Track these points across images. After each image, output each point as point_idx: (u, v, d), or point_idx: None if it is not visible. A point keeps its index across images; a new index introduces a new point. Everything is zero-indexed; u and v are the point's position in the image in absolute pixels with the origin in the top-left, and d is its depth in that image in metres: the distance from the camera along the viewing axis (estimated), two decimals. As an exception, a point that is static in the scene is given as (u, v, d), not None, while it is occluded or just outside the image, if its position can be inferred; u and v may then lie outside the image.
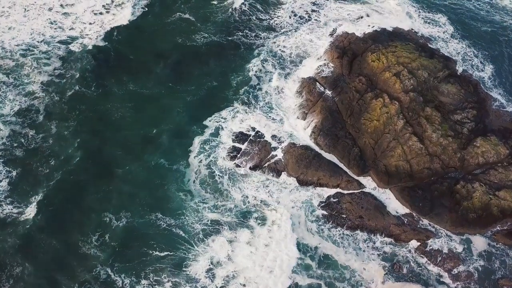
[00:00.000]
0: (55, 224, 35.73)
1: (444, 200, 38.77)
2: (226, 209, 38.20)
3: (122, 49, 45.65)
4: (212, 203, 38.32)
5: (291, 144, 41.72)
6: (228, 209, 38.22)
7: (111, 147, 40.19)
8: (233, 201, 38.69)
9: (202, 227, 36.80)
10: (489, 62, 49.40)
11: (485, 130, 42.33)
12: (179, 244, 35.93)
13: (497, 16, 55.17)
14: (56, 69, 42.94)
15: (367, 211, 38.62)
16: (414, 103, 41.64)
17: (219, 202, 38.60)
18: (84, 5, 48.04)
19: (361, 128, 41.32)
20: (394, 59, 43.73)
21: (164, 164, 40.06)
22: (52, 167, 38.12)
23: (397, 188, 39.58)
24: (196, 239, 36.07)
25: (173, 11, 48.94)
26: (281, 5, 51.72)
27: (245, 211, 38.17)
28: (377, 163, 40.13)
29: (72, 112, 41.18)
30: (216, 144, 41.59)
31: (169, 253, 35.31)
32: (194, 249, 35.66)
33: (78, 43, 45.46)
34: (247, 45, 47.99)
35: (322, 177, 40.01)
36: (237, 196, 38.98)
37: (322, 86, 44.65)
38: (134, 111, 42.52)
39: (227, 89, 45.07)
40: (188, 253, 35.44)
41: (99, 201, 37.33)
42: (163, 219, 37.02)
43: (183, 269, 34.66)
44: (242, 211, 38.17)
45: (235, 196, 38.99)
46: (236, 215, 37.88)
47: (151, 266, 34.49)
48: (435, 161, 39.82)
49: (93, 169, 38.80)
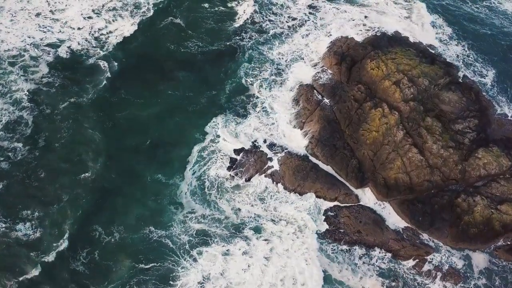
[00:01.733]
0: (40, 238, 34.53)
1: (444, 214, 37.80)
2: (221, 222, 37.27)
3: (114, 56, 43.93)
4: (206, 217, 37.42)
5: (288, 155, 40.59)
6: (222, 221, 37.29)
7: (106, 158, 38.87)
8: (226, 214, 37.73)
9: (195, 240, 35.90)
10: (491, 68, 48.30)
11: (487, 140, 41.22)
12: (169, 256, 35.16)
13: (496, 20, 53.76)
14: (44, 77, 41.34)
15: (365, 225, 37.65)
16: (414, 112, 40.45)
17: (215, 215, 37.67)
18: (74, 9, 46.21)
19: (360, 139, 40.15)
20: (394, 66, 42.41)
21: (161, 179, 38.87)
22: (42, 181, 36.88)
23: (397, 201, 38.57)
24: (187, 254, 35.14)
25: (165, 15, 47.13)
26: (277, 9, 49.92)
27: (239, 224, 37.20)
28: (376, 176, 39.04)
29: (63, 122, 39.68)
30: (212, 155, 40.43)
31: (156, 265, 34.60)
32: (185, 263, 34.80)
33: (66, 49, 43.71)
34: (242, 50, 46.38)
35: (320, 190, 38.96)
36: (230, 208, 37.99)
37: (319, 94, 43.37)
38: (129, 121, 41.04)
39: (221, 97, 43.70)
40: (177, 265, 34.64)
41: (91, 215, 36.30)
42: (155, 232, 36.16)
43: (171, 282, 33.88)
44: (235, 223, 37.21)
45: (229, 209, 38.00)
46: (227, 227, 36.95)
47: (136, 278, 33.79)
48: (435, 173, 38.75)
49: (88, 183, 37.58)
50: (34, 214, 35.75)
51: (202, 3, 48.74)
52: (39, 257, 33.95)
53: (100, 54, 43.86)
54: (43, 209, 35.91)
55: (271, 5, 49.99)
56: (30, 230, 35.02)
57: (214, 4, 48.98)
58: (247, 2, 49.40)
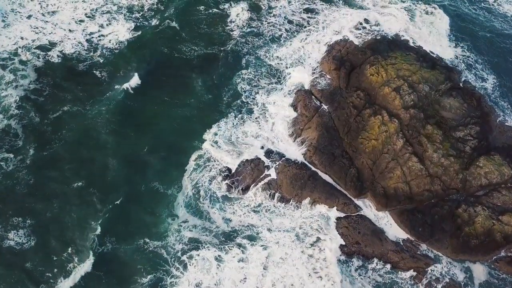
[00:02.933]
0: (35, 248, 34.06)
1: (444, 225, 37.03)
2: (216, 233, 36.57)
3: (107, 61, 42.83)
4: (201, 227, 36.67)
5: (285, 163, 39.71)
6: (216, 231, 36.58)
7: (100, 167, 38.03)
8: (220, 223, 37.05)
9: (186, 247, 35.21)
10: (492, 72, 47.31)
11: (489, 147, 40.38)
12: (161, 266, 34.60)
13: (496, 23, 52.72)
14: (31, 83, 40.24)
15: (364, 236, 36.89)
16: (415, 120, 39.56)
17: (208, 226, 36.97)
18: (66, 13, 45.07)
19: (359, 148, 39.28)
20: (394, 72, 41.47)
21: (158, 188, 38.06)
22: (33, 191, 36.11)
23: (396, 212, 37.78)
24: (179, 263, 34.49)
25: (160, 19, 45.96)
26: (274, 12, 48.70)
27: (233, 233, 36.52)
28: (375, 185, 38.22)
29: (54, 133, 38.69)
30: (208, 163, 39.59)
31: (152, 277, 34.03)
32: (176, 272, 34.24)
33: (58, 53, 42.60)
34: (239, 55, 45.36)
35: (318, 199, 38.16)
36: (225, 218, 37.29)
37: (318, 100, 42.44)
38: (122, 128, 40.05)
39: (217, 103, 42.75)
40: (167, 275, 34.07)
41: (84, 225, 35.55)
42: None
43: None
44: (229, 232, 36.55)
45: (223, 218, 37.26)
46: (221, 236, 36.29)
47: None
48: (435, 182, 37.93)
49: (80, 192, 36.79)
50: (25, 222, 35.06)
51: (197, 6, 47.54)
52: (32, 266, 33.37)
53: (93, 59, 42.81)
54: (35, 218, 35.25)
55: (268, 8, 48.75)
56: (22, 239, 34.34)
57: (209, 6, 47.79)
58: (242, 5, 48.12)
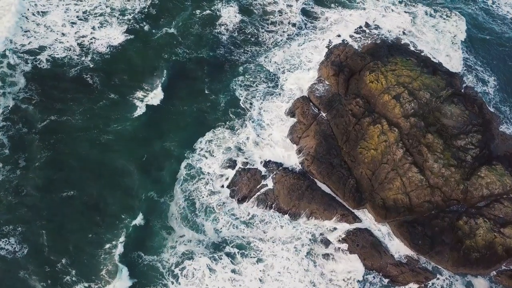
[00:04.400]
0: (26, 256, 33.05)
1: (445, 237, 36.22)
2: (207, 245, 35.63)
3: (99, 66, 41.54)
4: (194, 240, 35.76)
5: (283, 173, 38.76)
6: (209, 243, 35.70)
7: (93, 177, 36.88)
8: (214, 235, 36.16)
9: (182, 265, 34.25)
10: (493, 77, 46.34)
11: (490, 156, 39.55)
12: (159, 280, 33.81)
13: (495, 25, 51.66)
14: (20, 91, 39.04)
15: (363, 249, 36.09)
16: (415, 129, 38.61)
17: (202, 238, 36.03)
18: (58, 14, 43.59)
19: (358, 157, 38.33)
20: (394, 79, 40.42)
21: (153, 196, 37.06)
22: (24, 200, 35.10)
23: (395, 223, 36.93)
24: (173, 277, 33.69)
25: (153, 23, 44.53)
26: (272, 17, 47.42)
27: (227, 246, 35.59)
28: (374, 196, 37.33)
29: (44, 142, 37.51)
30: (203, 172, 38.55)
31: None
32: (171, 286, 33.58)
33: (47, 57, 41.20)
34: (236, 60, 44.21)
35: (316, 211, 37.28)
36: (219, 229, 36.38)
37: (316, 107, 41.39)
38: (119, 139, 38.68)
39: (214, 110, 41.65)
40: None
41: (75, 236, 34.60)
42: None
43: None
44: (223, 246, 35.62)
45: (218, 231, 36.35)
46: (215, 248, 35.47)
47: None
48: (436, 193, 37.09)
49: (73, 207, 35.69)
50: (16, 230, 34.12)
51: (192, 10, 46.15)
52: (24, 275, 32.45)
53: (84, 64, 41.47)
54: (26, 228, 34.20)
55: (265, 13, 47.47)
56: (14, 247, 33.43)
57: (203, 9, 46.38)
58: (236, 9, 46.76)
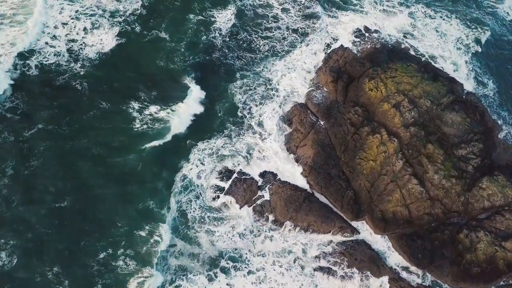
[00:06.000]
0: (15, 268, 32.14)
1: (445, 250, 35.51)
2: (202, 259, 34.91)
3: (89, 73, 40.29)
4: (188, 253, 35.01)
5: (280, 183, 37.91)
6: (203, 259, 34.97)
7: (85, 188, 35.88)
8: (207, 249, 35.43)
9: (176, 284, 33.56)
10: (494, 83, 45.33)
11: (492, 166, 38.64)
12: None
13: (497, 27, 50.50)
14: (7, 100, 37.89)
15: (361, 263, 35.40)
16: (415, 138, 37.66)
17: (195, 251, 35.29)
18: (42, 18, 42.03)
19: (356, 168, 37.43)
20: (394, 87, 39.37)
21: (146, 208, 36.08)
22: (15, 210, 34.14)
23: (394, 236, 36.19)
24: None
25: (146, 27, 43.15)
26: (269, 21, 46.04)
27: (221, 260, 34.95)
28: (373, 208, 36.51)
29: (33, 151, 36.52)
30: (199, 183, 37.65)
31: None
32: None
33: (36, 63, 39.91)
34: (232, 66, 42.95)
35: (313, 223, 36.51)
36: (216, 243, 35.67)
37: (314, 115, 40.38)
38: (111, 148, 37.59)
39: (210, 118, 40.50)
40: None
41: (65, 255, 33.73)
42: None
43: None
44: (218, 259, 34.97)
45: (213, 244, 35.64)
46: (206, 263, 34.80)
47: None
48: (436, 205, 36.27)
49: (63, 217, 34.72)
50: (8, 243, 33.22)
51: (184, 13, 44.70)
52: None
53: (73, 71, 40.11)
54: (17, 239, 33.37)
55: (262, 17, 46.11)
56: (4, 260, 32.47)
57: (196, 13, 44.97)
58: (231, 13, 45.44)
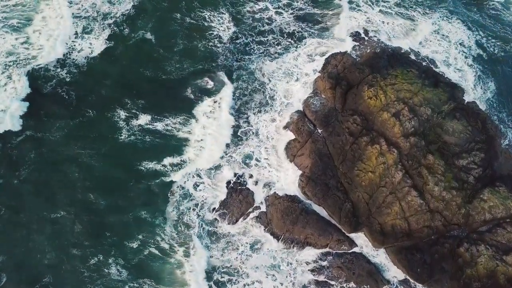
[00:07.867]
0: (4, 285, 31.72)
1: (445, 264, 34.80)
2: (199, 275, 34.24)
3: (78, 80, 39.04)
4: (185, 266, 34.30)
5: (276, 194, 37.06)
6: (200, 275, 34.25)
7: (81, 200, 35.27)
8: (207, 265, 34.76)
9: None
10: (497, 86, 44.22)
11: (494, 176, 37.77)
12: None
13: (499, 30, 49.15)
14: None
15: (359, 277, 34.73)
16: (415, 149, 36.68)
17: (194, 266, 34.59)
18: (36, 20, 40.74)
19: (355, 180, 36.52)
20: (393, 94, 38.26)
21: (140, 218, 35.44)
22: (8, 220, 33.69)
23: (393, 250, 35.43)
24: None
25: (136, 30, 41.66)
26: (265, 23, 44.54)
27: (217, 276, 34.45)
28: (372, 221, 35.70)
29: (21, 159, 35.55)
30: (194, 193, 36.79)
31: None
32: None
33: (22, 70, 38.71)
34: (228, 71, 41.56)
35: (310, 236, 35.76)
36: (212, 258, 35.03)
37: (311, 123, 39.35)
38: (103, 156, 36.79)
39: (205, 127, 39.43)
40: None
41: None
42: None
43: None
44: (214, 274, 34.41)
45: (209, 258, 34.95)
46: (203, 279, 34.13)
47: None
48: (436, 218, 35.45)
49: (55, 226, 34.21)
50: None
51: (175, 14, 43.20)
52: None
53: (59, 77, 38.95)
54: (9, 250, 32.95)
55: (258, 20, 44.64)
56: None
57: (188, 17, 43.49)
58: (225, 16, 43.99)
